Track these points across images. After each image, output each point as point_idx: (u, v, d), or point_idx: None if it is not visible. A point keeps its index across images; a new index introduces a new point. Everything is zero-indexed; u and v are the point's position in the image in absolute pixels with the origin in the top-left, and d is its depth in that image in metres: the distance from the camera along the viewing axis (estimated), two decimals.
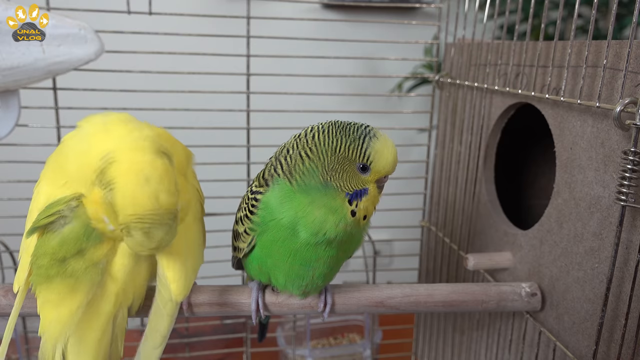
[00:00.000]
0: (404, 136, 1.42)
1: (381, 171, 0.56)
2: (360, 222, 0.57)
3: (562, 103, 0.64)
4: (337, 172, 0.55)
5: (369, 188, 0.56)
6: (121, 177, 0.48)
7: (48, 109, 0.91)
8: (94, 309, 0.53)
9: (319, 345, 1.24)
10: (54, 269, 0.51)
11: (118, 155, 0.49)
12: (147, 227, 0.48)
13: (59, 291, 0.51)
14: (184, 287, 0.56)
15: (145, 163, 0.49)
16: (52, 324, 0.52)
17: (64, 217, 0.52)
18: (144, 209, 0.48)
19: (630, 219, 0.55)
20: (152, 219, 0.48)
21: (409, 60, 1.20)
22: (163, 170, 0.50)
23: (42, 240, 0.52)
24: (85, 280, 0.52)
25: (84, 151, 0.52)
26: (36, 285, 0.52)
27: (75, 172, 0.52)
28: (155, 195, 0.48)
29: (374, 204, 0.58)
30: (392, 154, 0.56)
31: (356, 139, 0.55)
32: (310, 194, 0.56)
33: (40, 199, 0.55)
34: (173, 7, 0.93)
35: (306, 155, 0.56)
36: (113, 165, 0.49)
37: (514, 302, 0.69)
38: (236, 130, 0.98)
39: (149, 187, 0.48)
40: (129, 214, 0.48)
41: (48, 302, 0.52)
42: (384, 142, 0.55)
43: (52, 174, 0.56)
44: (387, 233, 1.57)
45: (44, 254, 0.52)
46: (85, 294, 0.52)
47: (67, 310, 0.52)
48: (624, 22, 1.38)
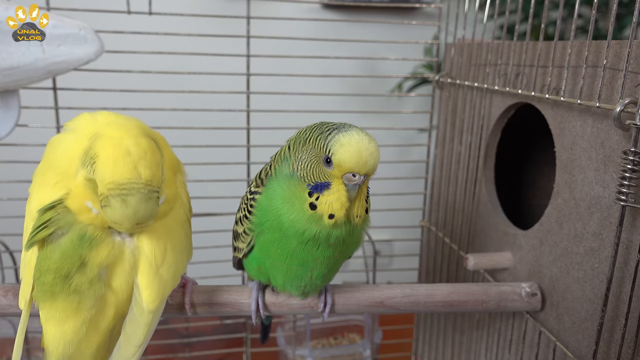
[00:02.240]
0: (404, 136, 1.42)
1: (343, 166, 0.52)
2: (336, 222, 0.54)
3: (562, 103, 0.64)
4: (304, 161, 0.54)
5: (332, 183, 0.53)
6: (104, 149, 0.49)
7: (48, 109, 0.91)
8: (93, 322, 0.53)
9: (319, 345, 1.24)
10: (58, 286, 0.51)
11: (104, 133, 0.51)
12: (124, 195, 0.48)
13: (63, 308, 0.51)
14: (157, 296, 0.53)
15: (128, 138, 0.50)
16: (56, 341, 0.51)
17: (60, 228, 0.51)
18: (123, 177, 0.48)
19: (630, 219, 0.55)
20: (130, 186, 0.48)
21: (409, 60, 1.21)
22: (146, 146, 0.51)
23: (43, 254, 0.52)
24: (89, 296, 0.51)
25: (74, 142, 0.53)
26: (39, 301, 0.52)
27: (66, 165, 0.52)
28: (135, 165, 0.49)
29: (341, 202, 0.53)
30: (358, 149, 0.51)
31: (325, 131, 0.53)
32: (281, 185, 0.56)
33: (32, 207, 0.54)
34: (173, 7, 0.93)
35: (287, 148, 0.57)
36: (97, 141, 0.50)
37: (514, 302, 0.69)
38: (236, 130, 0.98)
39: (130, 157, 0.49)
40: (108, 181, 0.48)
41: (52, 319, 0.52)
42: (353, 137, 0.52)
43: (42, 178, 0.55)
44: (387, 233, 1.57)
45: (47, 270, 0.51)
46: (89, 311, 0.52)
47: (71, 327, 0.51)
48: (624, 22, 1.38)
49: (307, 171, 0.54)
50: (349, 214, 0.54)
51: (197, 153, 0.71)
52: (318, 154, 0.53)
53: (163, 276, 0.54)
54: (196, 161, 0.62)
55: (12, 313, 0.62)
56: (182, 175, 0.62)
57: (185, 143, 0.65)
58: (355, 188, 0.53)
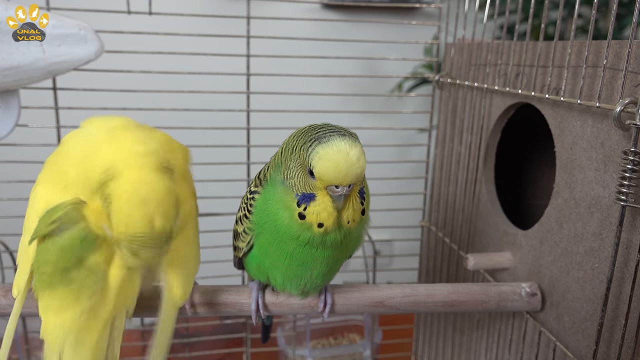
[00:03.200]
0: (404, 136, 1.42)
1: (323, 179, 0.51)
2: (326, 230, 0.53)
3: (562, 103, 0.64)
4: (292, 171, 0.54)
5: (317, 195, 0.52)
6: (119, 195, 0.48)
7: (48, 109, 0.91)
8: (93, 313, 0.53)
9: (319, 345, 1.25)
10: (57, 278, 0.51)
11: (119, 171, 0.49)
12: (135, 249, 0.48)
13: (61, 298, 0.51)
14: (186, 292, 0.57)
15: (144, 183, 0.49)
16: (55, 330, 0.51)
17: (64, 224, 0.51)
18: (136, 231, 0.48)
19: (630, 219, 0.55)
20: (142, 241, 0.48)
21: (409, 60, 1.21)
22: (163, 191, 0.49)
23: (43, 247, 0.52)
24: (87, 287, 0.51)
25: (87, 157, 0.52)
26: (38, 290, 0.52)
27: (76, 176, 0.52)
28: (150, 218, 0.48)
29: (328, 212, 0.52)
30: (336, 162, 0.49)
31: (308, 141, 0.52)
32: (275, 190, 0.56)
33: (39, 203, 0.54)
34: (173, 7, 0.93)
35: (280, 152, 0.57)
36: (113, 181, 0.49)
37: (514, 302, 0.69)
38: (236, 130, 0.98)
39: (145, 209, 0.48)
40: (121, 232, 0.48)
41: (50, 308, 0.52)
42: (331, 148, 0.50)
43: (51, 176, 0.55)
44: (387, 233, 1.57)
45: (46, 262, 0.51)
46: (88, 300, 0.52)
47: (69, 316, 0.51)
48: (624, 22, 1.38)
49: (295, 181, 0.53)
50: (339, 221, 0.54)
51: (197, 153, 0.70)
52: (303, 164, 0.52)
53: (189, 274, 0.58)
54: (196, 161, 0.62)
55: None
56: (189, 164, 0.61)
57: (186, 143, 0.65)
58: (341, 198, 0.52)
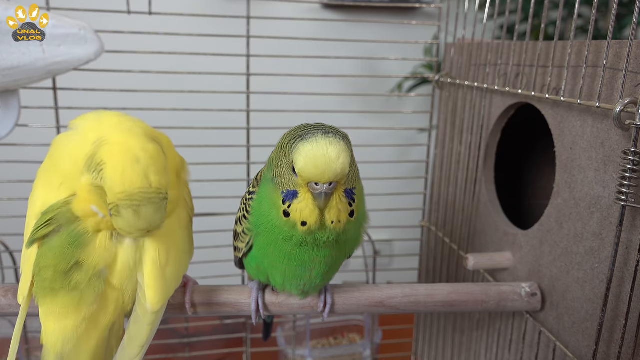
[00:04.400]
0: (404, 136, 1.42)
1: (302, 175, 0.51)
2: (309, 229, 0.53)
3: (562, 103, 0.64)
4: (280, 168, 0.54)
5: (300, 192, 0.52)
6: (111, 156, 0.49)
7: (48, 109, 0.91)
8: (93, 318, 0.53)
9: (319, 345, 1.25)
10: (58, 282, 0.51)
11: (109, 139, 0.50)
12: (136, 205, 0.48)
13: (63, 304, 0.51)
14: (161, 296, 0.54)
15: (135, 145, 0.50)
16: (56, 336, 0.51)
17: (58, 225, 0.51)
18: (133, 187, 0.48)
19: (630, 219, 0.55)
20: (141, 196, 0.48)
21: (409, 60, 1.21)
22: (154, 152, 0.50)
23: (41, 252, 0.52)
24: (89, 292, 0.51)
25: (79, 144, 0.52)
26: (39, 297, 0.52)
27: (71, 167, 0.52)
28: (145, 173, 0.48)
29: (309, 210, 0.52)
30: (314, 159, 0.50)
31: (293, 138, 0.52)
32: (267, 189, 0.56)
33: (37, 205, 0.54)
34: (173, 7, 0.93)
35: (273, 152, 0.57)
36: (103, 147, 0.49)
37: (514, 302, 0.69)
38: (236, 130, 0.98)
39: (139, 165, 0.48)
40: (118, 191, 0.47)
41: (52, 314, 0.52)
42: (311, 145, 0.50)
43: (47, 177, 0.55)
44: (387, 233, 1.57)
45: (46, 266, 0.51)
46: (89, 307, 0.52)
47: (71, 323, 0.51)
48: (624, 22, 1.38)
49: (282, 178, 0.54)
50: (322, 220, 0.53)
51: (197, 153, 0.71)
52: (289, 162, 0.53)
53: (167, 277, 0.55)
54: (196, 161, 0.62)
55: (12, 313, 0.62)
56: (185, 174, 0.62)
57: (186, 143, 0.65)
58: (322, 196, 0.51)
